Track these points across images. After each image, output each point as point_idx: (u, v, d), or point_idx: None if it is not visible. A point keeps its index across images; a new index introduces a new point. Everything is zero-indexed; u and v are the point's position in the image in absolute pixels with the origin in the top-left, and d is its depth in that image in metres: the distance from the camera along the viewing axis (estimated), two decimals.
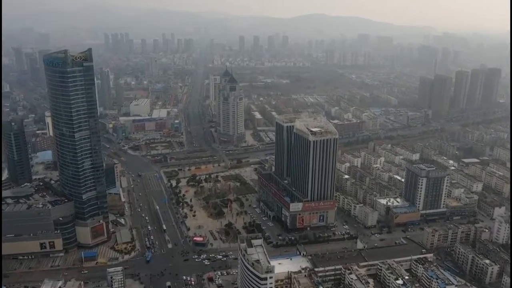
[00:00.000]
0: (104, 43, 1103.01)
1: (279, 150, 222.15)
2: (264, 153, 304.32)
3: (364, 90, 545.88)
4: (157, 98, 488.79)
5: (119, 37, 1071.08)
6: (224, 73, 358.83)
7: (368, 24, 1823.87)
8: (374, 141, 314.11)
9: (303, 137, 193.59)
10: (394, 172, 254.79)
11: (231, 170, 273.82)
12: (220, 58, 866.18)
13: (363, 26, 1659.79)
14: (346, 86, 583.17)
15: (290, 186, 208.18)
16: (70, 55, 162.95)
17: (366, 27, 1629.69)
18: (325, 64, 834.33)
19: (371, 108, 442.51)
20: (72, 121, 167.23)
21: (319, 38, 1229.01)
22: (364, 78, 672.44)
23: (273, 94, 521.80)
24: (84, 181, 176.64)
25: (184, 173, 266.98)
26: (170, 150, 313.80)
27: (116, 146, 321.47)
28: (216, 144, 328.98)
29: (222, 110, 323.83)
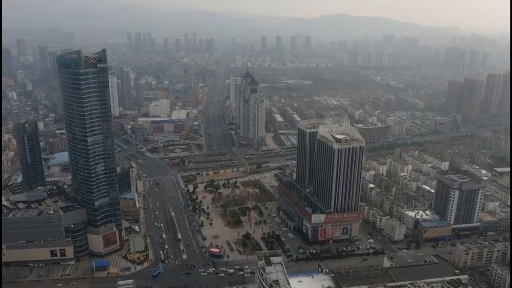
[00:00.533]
0: (127, 42, 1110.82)
1: (301, 157, 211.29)
2: (285, 158, 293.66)
3: (389, 93, 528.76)
4: (177, 99, 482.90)
5: (142, 37, 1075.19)
6: (245, 74, 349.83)
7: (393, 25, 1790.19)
8: (401, 147, 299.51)
9: (327, 144, 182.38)
10: (422, 182, 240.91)
11: (251, 176, 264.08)
12: (242, 58, 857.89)
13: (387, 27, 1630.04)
14: (370, 88, 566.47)
15: (312, 196, 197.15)
16: (83, 56, 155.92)
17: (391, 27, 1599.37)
18: (348, 65, 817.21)
19: (396, 112, 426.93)
20: (85, 125, 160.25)
21: (342, 38, 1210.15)
22: (388, 80, 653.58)
23: (295, 95, 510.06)
24: (97, 187, 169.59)
25: (202, 177, 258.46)
26: (188, 153, 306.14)
27: (134, 147, 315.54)
28: (236, 147, 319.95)
29: (242, 113, 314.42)
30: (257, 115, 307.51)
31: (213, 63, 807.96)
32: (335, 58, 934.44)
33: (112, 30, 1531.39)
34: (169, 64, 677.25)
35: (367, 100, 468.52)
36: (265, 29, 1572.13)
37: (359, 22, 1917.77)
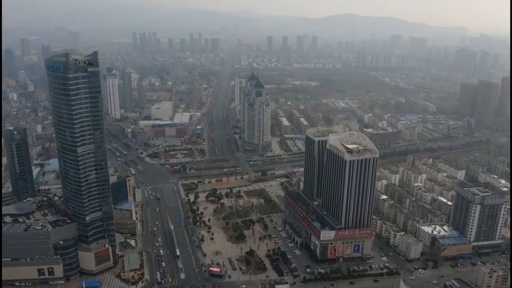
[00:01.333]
0: (132, 42, 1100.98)
1: (308, 167, 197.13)
2: (291, 165, 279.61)
3: (398, 95, 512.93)
4: (180, 100, 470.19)
5: (147, 36, 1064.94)
6: (250, 76, 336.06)
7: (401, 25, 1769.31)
8: (413, 154, 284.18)
9: (337, 155, 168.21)
10: (437, 193, 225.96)
11: (255, 184, 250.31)
12: (247, 58, 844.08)
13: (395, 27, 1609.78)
14: (379, 90, 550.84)
15: (321, 209, 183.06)
16: (73, 59, 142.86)
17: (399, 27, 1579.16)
18: (356, 66, 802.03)
19: (407, 115, 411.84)
20: (74, 134, 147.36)
21: (349, 39, 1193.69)
22: (398, 81, 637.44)
23: (302, 97, 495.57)
24: (88, 201, 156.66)
25: (204, 186, 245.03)
26: (190, 158, 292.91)
27: (134, 152, 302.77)
28: (240, 153, 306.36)
29: (247, 117, 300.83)
30: (263, 119, 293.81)
31: (218, 64, 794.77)
32: (343, 58, 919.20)
33: (118, 30, 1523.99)
34: (173, 65, 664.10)
35: (376, 103, 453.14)
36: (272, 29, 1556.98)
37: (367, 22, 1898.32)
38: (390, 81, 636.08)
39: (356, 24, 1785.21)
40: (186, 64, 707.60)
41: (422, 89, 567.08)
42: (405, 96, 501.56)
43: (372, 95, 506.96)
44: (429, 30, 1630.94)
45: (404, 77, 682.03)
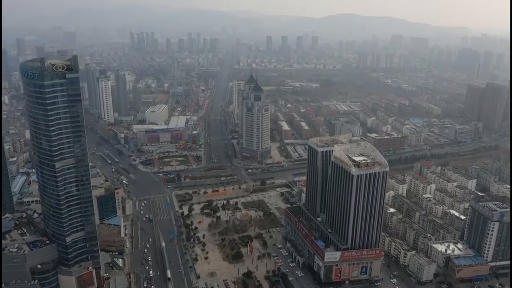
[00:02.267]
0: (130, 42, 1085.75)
1: (311, 179, 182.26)
2: (292, 173, 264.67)
3: (402, 97, 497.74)
4: (177, 103, 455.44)
5: (144, 37, 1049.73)
6: (249, 79, 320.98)
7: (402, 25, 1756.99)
8: (421, 161, 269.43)
9: (343, 168, 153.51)
10: (448, 205, 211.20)
11: (253, 194, 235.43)
12: (246, 59, 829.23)
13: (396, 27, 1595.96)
14: (382, 92, 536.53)
15: (325, 226, 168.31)
16: (49, 64, 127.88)
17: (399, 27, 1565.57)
18: (357, 67, 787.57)
19: (411, 119, 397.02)
20: (52, 147, 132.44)
21: (349, 39, 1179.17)
22: (400, 83, 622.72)
23: (302, 100, 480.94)
24: (68, 221, 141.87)
25: (199, 197, 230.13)
26: (185, 166, 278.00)
27: (126, 159, 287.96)
28: (238, 159, 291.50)
29: (245, 122, 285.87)
30: (262, 125, 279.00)
31: (216, 64, 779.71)
32: (343, 59, 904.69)
33: (116, 30, 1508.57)
34: (170, 65, 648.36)
35: (379, 106, 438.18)
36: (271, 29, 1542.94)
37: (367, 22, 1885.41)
38: (392, 83, 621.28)
39: (357, 24, 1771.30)
40: (183, 65, 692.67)
41: (426, 90, 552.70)
42: (409, 98, 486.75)
43: (374, 97, 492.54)
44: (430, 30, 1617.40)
45: (407, 78, 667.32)
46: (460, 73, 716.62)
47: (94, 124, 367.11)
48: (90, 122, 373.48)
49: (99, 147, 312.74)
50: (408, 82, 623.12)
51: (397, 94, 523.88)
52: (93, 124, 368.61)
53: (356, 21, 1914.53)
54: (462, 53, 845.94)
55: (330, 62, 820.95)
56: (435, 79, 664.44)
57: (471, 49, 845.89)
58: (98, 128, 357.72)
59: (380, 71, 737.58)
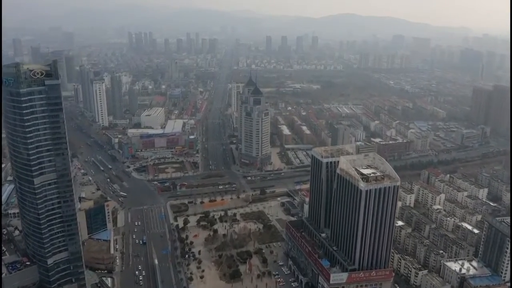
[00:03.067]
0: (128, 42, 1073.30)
1: (315, 191, 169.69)
2: (293, 181, 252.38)
3: (405, 99, 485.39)
4: (174, 106, 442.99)
5: (143, 37, 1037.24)
6: (248, 81, 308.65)
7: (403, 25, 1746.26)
8: (428, 169, 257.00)
9: (350, 182, 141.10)
10: (460, 217, 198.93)
11: (253, 205, 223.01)
12: (245, 59, 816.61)
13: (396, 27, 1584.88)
14: (384, 94, 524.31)
15: (330, 243, 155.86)
16: (26, 70, 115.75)
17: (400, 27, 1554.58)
18: (358, 68, 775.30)
19: (415, 122, 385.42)
20: (30, 162, 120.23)
21: (350, 39, 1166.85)
22: (403, 84, 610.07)
23: (303, 102, 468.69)
24: (49, 241, 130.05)
25: (195, 207, 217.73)
26: (181, 173, 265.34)
27: (120, 166, 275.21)
28: (237, 166, 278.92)
29: (244, 127, 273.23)
30: (261, 130, 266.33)
31: (215, 65, 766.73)
32: (344, 59, 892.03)
33: (115, 30, 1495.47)
34: (168, 66, 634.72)
35: (382, 108, 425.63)
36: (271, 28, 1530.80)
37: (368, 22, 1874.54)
38: (394, 84, 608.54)
39: (357, 24, 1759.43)
40: (182, 66, 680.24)
41: (429, 92, 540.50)
42: (412, 101, 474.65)
43: (377, 99, 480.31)
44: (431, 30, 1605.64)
45: (409, 79, 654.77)
46: (463, 74, 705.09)
47: (88, 128, 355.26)
48: (84, 125, 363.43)
49: (92, 152, 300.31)
50: (411, 84, 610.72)
51: (400, 96, 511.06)
52: (87, 128, 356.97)
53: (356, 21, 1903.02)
54: (465, 53, 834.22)
55: (330, 63, 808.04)
56: (438, 80, 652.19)
57: (473, 50, 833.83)
58: (92, 132, 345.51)
59: (382, 72, 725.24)
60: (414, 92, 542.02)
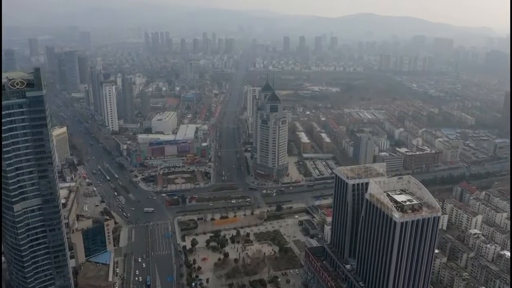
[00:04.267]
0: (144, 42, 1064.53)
1: (338, 215, 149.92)
2: (312, 195, 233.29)
3: (429, 104, 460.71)
4: (187, 109, 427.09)
5: (159, 36, 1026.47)
6: (265, 86, 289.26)
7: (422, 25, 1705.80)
8: (460, 184, 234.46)
9: (382, 211, 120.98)
10: (501, 243, 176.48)
11: (268, 223, 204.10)
12: (262, 60, 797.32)
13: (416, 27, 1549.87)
14: (407, 98, 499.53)
15: (356, 276, 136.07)
16: (5, 80, 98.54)
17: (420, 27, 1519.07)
18: (379, 70, 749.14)
19: (442, 129, 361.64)
20: (9, 186, 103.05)
21: (368, 39, 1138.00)
22: (426, 87, 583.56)
23: (322, 106, 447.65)
24: (33, 275, 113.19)
25: (205, 225, 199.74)
26: (192, 184, 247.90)
27: (127, 175, 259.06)
28: (251, 177, 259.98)
29: (259, 135, 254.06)
30: (278, 139, 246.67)
31: (231, 66, 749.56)
32: (364, 60, 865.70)
33: (131, 29, 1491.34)
34: (184, 67, 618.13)
35: (406, 114, 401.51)
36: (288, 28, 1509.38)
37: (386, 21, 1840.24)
38: (417, 87, 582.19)
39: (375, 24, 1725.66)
40: (197, 67, 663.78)
41: (455, 96, 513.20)
42: (437, 106, 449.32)
43: (400, 104, 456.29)
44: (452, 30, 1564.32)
45: (433, 82, 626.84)
46: (489, 77, 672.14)
47: (97, 133, 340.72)
48: (93, 129, 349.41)
49: (99, 159, 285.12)
50: (435, 87, 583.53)
51: (424, 101, 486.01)
52: (96, 132, 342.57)
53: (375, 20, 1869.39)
54: (490, 55, 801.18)
55: (350, 64, 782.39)
56: (463, 84, 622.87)
57: (499, 51, 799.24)
58: (101, 137, 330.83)
59: (404, 74, 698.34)
60: (439, 97, 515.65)
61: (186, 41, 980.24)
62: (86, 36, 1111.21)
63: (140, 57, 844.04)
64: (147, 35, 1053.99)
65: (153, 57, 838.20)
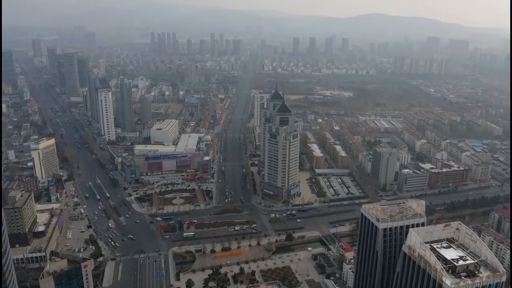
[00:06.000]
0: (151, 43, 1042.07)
1: (365, 263, 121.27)
2: (327, 220, 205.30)
3: (450, 111, 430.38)
4: (191, 115, 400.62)
5: (166, 37, 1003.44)
6: (274, 95, 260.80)
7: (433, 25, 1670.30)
8: (496, 209, 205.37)
9: (427, 272, 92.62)
10: None
11: (277, 256, 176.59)
12: (271, 62, 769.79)
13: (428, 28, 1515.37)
14: (425, 104, 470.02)
15: None
16: None
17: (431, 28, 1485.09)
18: (392, 72, 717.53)
19: (467, 140, 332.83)
20: None
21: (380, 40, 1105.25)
22: (444, 92, 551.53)
23: (334, 113, 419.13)
24: None
25: (204, 259, 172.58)
26: (191, 205, 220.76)
27: (120, 194, 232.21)
28: (258, 197, 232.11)
29: (267, 151, 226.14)
30: (289, 156, 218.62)
31: (239, 68, 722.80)
32: (376, 63, 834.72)
33: (138, 29, 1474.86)
34: (189, 69, 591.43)
35: (426, 123, 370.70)
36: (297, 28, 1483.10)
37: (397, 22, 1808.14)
38: (435, 92, 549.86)
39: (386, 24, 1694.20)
40: (203, 70, 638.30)
41: (476, 103, 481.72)
42: (459, 113, 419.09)
43: (418, 111, 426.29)
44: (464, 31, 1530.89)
45: (451, 87, 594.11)
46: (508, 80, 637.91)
47: (92, 143, 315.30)
48: (88, 139, 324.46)
49: (91, 174, 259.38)
50: (453, 92, 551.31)
51: (444, 107, 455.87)
52: (91, 142, 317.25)
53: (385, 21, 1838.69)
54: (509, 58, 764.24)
55: (362, 67, 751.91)
56: (483, 88, 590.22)
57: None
58: (95, 147, 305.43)
59: (419, 77, 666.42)
60: (459, 103, 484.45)
61: (192, 41, 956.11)
62: (91, 37, 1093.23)
63: (145, 59, 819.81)
64: (153, 36, 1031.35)
65: (158, 59, 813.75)
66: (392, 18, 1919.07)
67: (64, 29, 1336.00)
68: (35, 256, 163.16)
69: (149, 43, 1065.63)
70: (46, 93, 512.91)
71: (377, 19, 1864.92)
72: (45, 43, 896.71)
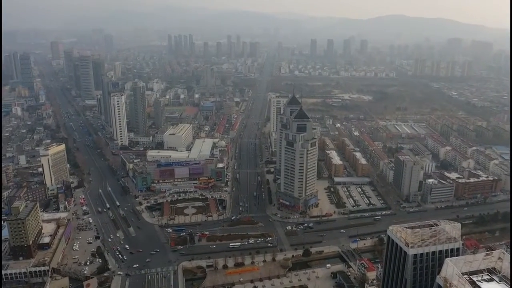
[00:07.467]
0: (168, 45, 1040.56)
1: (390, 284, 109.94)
2: (347, 234, 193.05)
3: (475, 115, 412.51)
4: (206, 119, 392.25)
5: (182, 39, 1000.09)
6: (291, 99, 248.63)
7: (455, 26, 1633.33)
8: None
9: None
10: None
11: (293, 273, 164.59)
12: (288, 65, 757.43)
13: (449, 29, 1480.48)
14: (448, 108, 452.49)
15: None
16: None
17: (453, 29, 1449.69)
18: (413, 75, 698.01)
19: (494, 147, 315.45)
20: None
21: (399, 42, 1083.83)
22: (468, 95, 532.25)
23: (354, 117, 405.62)
24: None
25: (215, 275, 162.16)
26: (204, 216, 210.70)
27: (130, 203, 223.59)
28: (274, 208, 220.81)
29: (284, 159, 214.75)
30: (306, 165, 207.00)
31: (255, 70, 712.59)
32: (396, 65, 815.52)
33: (156, 32, 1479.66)
34: (205, 72, 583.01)
35: (450, 128, 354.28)
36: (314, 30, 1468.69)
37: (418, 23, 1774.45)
38: (458, 96, 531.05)
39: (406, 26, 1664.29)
40: (219, 72, 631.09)
41: (502, 107, 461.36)
42: (484, 118, 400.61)
43: (441, 115, 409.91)
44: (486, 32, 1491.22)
45: (474, 90, 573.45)
46: None
47: (105, 147, 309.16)
48: (100, 143, 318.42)
49: (101, 180, 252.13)
50: (477, 96, 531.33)
51: (468, 111, 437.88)
52: (104, 147, 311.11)
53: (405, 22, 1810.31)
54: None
55: (382, 69, 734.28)
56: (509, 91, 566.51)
57: None
58: (107, 152, 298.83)
59: (441, 80, 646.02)
60: (484, 107, 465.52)
61: (209, 44, 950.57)
62: (109, 39, 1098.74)
63: (161, 61, 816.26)
64: (170, 38, 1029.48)
65: (174, 61, 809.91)
66: (412, 20, 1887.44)
67: (83, 32, 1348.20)
68: (38, 270, 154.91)
69: (166, 45, 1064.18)
70: (62, 96, 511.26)
71: (396, 21, 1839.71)
72: (64, 46, 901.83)
